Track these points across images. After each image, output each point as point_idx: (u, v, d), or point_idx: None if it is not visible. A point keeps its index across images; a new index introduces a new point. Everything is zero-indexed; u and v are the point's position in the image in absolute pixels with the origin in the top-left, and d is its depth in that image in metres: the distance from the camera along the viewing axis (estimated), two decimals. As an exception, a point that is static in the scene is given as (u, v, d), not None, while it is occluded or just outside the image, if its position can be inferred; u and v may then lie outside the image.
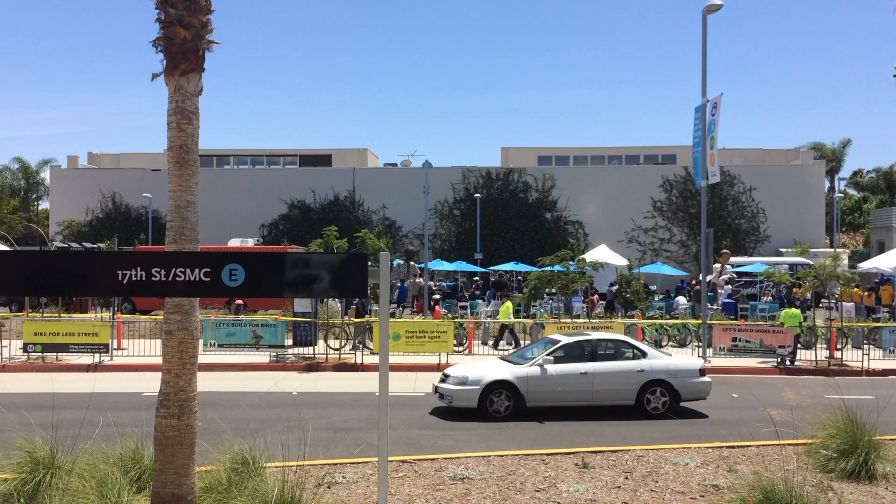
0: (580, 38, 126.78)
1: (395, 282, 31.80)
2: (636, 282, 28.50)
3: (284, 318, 21.42)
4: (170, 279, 6.05)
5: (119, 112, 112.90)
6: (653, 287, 37.04)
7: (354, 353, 19.33)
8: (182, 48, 7.20)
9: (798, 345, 20.10)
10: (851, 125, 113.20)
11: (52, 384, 13.22)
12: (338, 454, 10.06)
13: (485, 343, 22.19)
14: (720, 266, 28.79)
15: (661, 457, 10.40)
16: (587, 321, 21.99)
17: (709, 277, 24.11)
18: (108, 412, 10.22)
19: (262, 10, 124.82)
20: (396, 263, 36.25)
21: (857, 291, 29.26)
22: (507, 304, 22.93)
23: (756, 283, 35.32)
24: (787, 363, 19.39)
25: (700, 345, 20.14)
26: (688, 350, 20.93)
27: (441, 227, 48.83)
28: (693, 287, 31.32)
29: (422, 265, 34.44)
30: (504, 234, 48.21)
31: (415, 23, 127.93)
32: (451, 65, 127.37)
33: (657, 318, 25.92)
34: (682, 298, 29.98)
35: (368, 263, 6.86)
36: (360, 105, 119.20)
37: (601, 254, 31.30)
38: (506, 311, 22.48)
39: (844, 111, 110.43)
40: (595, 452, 10.66)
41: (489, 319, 24.29)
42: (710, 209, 42.52)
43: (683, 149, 48.83)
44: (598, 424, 12.85)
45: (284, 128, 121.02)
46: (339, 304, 26.36)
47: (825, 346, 20.83)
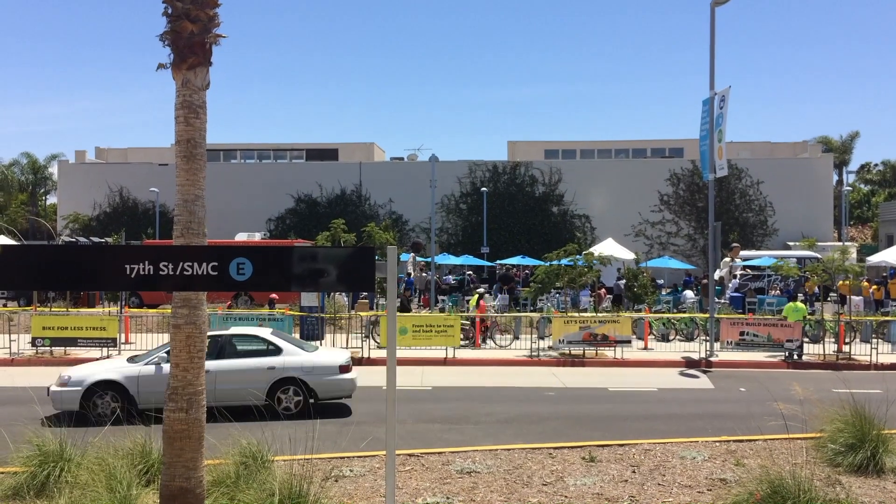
0: (587, 32, 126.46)
1: (402, 276, 31.83)
2: (643, 276, 28.43)
3: (291, 313, 21.48)
4: (178, 273, 6.06)
5: (127, 107, 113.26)
6: (660, 281, 36.96)
7: (361, 348, 19.36)
8: (189, 42, 7.20)
9: (805, 338, 20.03)
10: (859, 118, 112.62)
11: (61, 378, 13.27)
12: (345, 447, 10.10)
13: (490, 337, 22.17)
14: (730, 260, 28.66)
15: (669, 450, 10.40)
16: (594, 315, 21.95)
17: (719, 272, 24.03)
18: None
19: (269, 5, 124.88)
20: (406, 257, 36.30)
21: (866, 285, 29.13)
22: (475, 296, 23.20)
23: (764, 277, 35.23)
24: (795, 357, 19.33)
25: (707, 339, 20.08)
26: (695, 344, 20.87)
27: (448, 221, 48.74)
28: (700, 281, 31.24)
29: (428, 259, 34.45)
30: (511, 228, 48.11)
31: (422, 17, 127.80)
32: (458, 59, 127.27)
33: (664, 312, 25.86)
34: (690, 292, 29.93)
35: (375, 257, 6.85)
36: (367, 99, 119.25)
37: (608, 247, 31.18)
38: (472, 303, 22.74)
39: (852, 104, 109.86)
40: (602, 446, 10.67)
41: (497, 314, 24.28)
42: (718, 203, 42.38)
43: (691, 142, 48.58)
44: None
45: (291, 122, 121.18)
46: (346, 299, 26.43)
47: (833, 340, 20.75)
